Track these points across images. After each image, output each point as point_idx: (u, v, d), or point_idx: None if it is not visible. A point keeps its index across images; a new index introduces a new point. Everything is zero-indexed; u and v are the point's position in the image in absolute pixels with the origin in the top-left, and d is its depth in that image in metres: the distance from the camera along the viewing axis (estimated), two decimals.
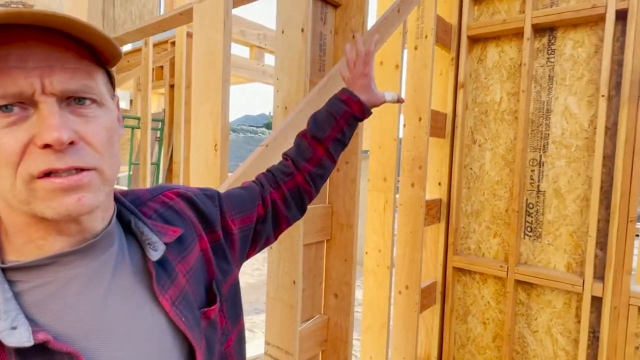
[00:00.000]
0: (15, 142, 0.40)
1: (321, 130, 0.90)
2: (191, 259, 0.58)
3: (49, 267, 0.45)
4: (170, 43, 4.56)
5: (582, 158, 2.26)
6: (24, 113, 0.41)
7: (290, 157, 0.90)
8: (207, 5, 1.25)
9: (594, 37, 2.22)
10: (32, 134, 0.41)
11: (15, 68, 0.40)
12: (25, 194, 0.41)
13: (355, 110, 0.93)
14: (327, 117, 0.92)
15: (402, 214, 2.41)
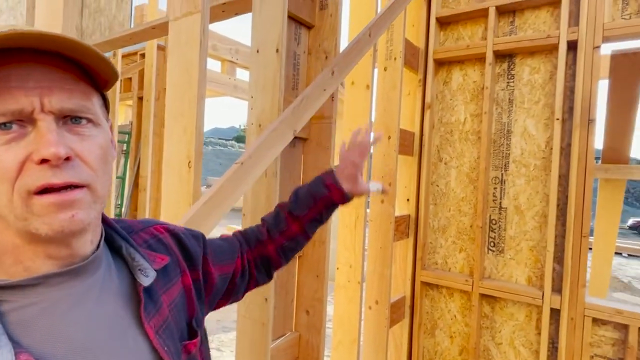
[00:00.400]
0: (13, 158, 0.41)
1: (300, 208, 0.90)
2: (174, 292, 0.59)
3: (36, 287, 0.45)
4: (139, 55, 4.49)
5: (540, 177, 2.39)
6: (22, 130, 0.42)
7: (266, 225, 0.91)
8: (184, 23, 1.26)
9: (549, 65, 2.38)
10: (30, 150, 0.42)
11: (16, 87, 0.41)
12: (22, 210, 0.42)
13: (336, 197, 0.92)
14: (307, 197, 0.91)
15: (373, 229, 2.46)
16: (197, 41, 1.20)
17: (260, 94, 1.58)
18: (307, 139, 1.89)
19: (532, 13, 2.43)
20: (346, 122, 2.23)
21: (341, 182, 0.93)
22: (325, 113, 1.83)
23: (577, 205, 2.20)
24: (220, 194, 1.09)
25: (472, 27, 2.63)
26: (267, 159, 1.26)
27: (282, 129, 1.33)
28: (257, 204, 1.58)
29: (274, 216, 0.92)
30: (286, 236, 0.88)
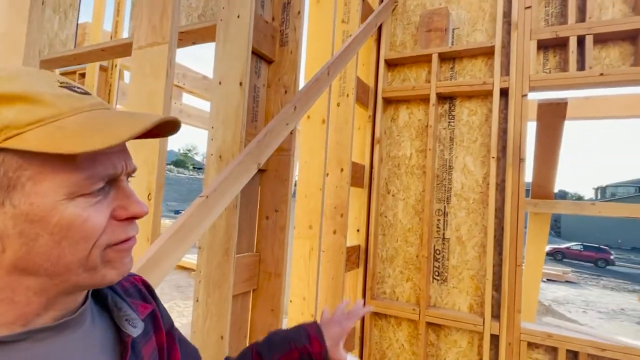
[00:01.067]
0: (102, 218, 0.43)
1: (271, 351, 0.82)
2: (151, 347, 0.57)
3: (22, 343, 0.42)
4: (78, 74, 4.25)
5: (478, 210, 2.59)
6: (105, 191, 0.44)
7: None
8: (149, 53, 1.24)
9: (485, 108, 2.63)
10: (113, 208, 0.45)
11: (109, 154, 0.44)
12: (96, 261, 0.44)
13: (315, 351, 0.83)
14: (283, 343, 0.83)
15: (325, 260, 2.48)
16: (164, 72, 1.18)
17: (222, 125, 1.57)
18: (265, 171, 1.89)
19: (469, 61, 2.70)
20: (302, 155, 2.27)
21: (325, 339, 0.84)
22: (284, 146, 1.85)
23: (511, 237, 2.40)
24: (184, 229, 1.06)
25: (417, 70, 2.85)
26: (232, 192, 1.25)
27: (247, 162, 1.33)
28: (215, 237, 1.54)
29: (240, 356, 0.84)
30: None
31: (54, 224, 0.40)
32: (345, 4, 2.61)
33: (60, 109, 0.40)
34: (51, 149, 0.37)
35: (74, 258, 0.42)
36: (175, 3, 1.22)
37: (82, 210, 0.41)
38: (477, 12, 2.72)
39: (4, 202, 0.39)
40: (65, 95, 0.42)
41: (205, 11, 2.07)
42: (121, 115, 0.44)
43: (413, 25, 2.91)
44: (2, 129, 0.37)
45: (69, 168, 0.40)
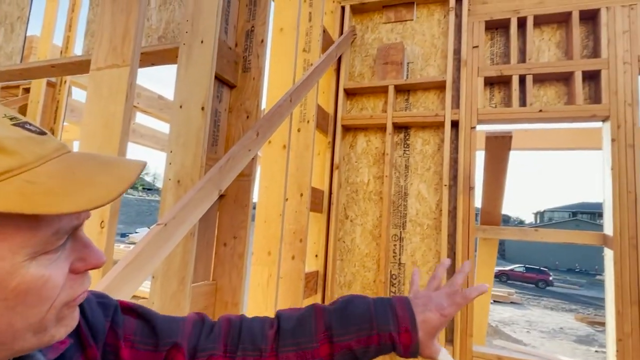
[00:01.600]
0: (61, 275, 0.39)
1: (344, 324, 0.62)
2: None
3: None
4: (22, 89, 4.00)
5: (432, 235, 2.68)
6: (63, 245, 0.40)
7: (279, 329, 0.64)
8: (107, 75, 1.20)
9: (437, 138, 2.77)
10: (70, 261, 0.40)
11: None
12: (48, 323, 0.39)
13: (403, 342, 0.62)
14: (363, 318, 0.63)
15: (283, 287, 2.44)
16: (124, 95, 1.15)
17: (181, 149, 1.54)
18: (224, 196, 1.86)
19: (423, 94, 2.85)
20: (262, 180, 2.26)
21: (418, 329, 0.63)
22: (245, 171, 1.84)
23: (463, 261, 2.50)
24: (141, 258, 1.01)
25: (375, 100, 2.96)
26: (192, 219, 1.22)
27: (208, 188, 1.30)
28: (170, 265, 1.48)
29: (296, 322, 0.63)
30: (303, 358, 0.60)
31: (11, 289, 0.35)
32: (307, 34, 2.68)
33: (25, 158, 0.35)
34: (26, 209, 0.32)
35: (25, 324, 0.37)
36: (139, 24, 1.20)
37: (42, 270, 0.37)
38: (430, 49, 2.90)
39: None
40: (25, 138, 0.36)
41: (166, 33, 2.05)
42: (93, 163, 0.40)
43: (371, 57, 3.04)
44: None
45: (33, 225, 0.35)
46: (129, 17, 1.21)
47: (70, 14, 3.40)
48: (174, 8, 2.06)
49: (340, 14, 3.09)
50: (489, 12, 2.71)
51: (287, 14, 2.32)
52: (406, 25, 2.99)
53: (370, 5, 3.05)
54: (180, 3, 2.04)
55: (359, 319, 0.62)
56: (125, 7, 1.22)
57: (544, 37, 2.64)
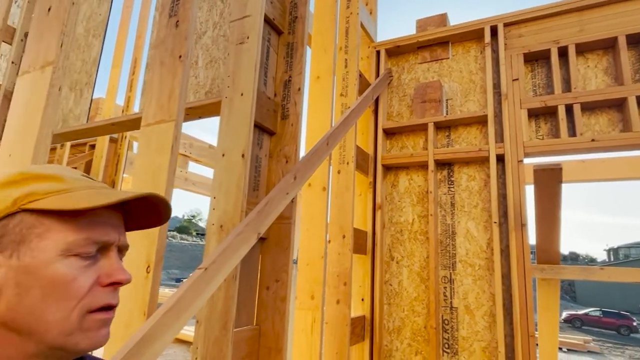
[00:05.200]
0: (87, 280, 0.48)
1: None
2: None
3: None
4: (89, 145, 4.42)
5: (485, 276, 2.53)
6: (95, 258, 0.50)
7: None
8: (155, 130, 1.31)
9: (483, 174, 2.68)
10: (99, 275, 0.49)
11: (108, 225, 0.51)
12: (74, 326, 0.47)
13: None
14: None
15: (328, 333, 2.37)
16: (169, 148, 1.24)
17: (224, 195, 1.61)
18: (266, 239, 1.89)
19: (464, 129, 2.80)
20: (303, 222, 2.28)
21: None
22: (285, 214, 1.87)
23: (520, 304, 2.31)
24: (182, 303, 1.04)
25: (414, 139, 2.95)
26: (231, 263, 1.25)
27: (247, 233, 1.34)
28: (213, 310, 1.50)
29: None
30: None
31: (46, 277, 0.45)
32: (344, 79, 2.78)
33: (74, 185, 0.50)
34: (58, 206, 0.46)
35: (53, 318, 0.45)
36: (183, 86, 1.31)
37: (72, 270, 0.47)
38: (469, 84, 2.88)
39: (12, 254, 0.46)
40: (82, 179, 0.52)
41: (212, 88, 2.21)
42: (119, 191, 0.53)
43: (408, 97, 3.07)
44: (27, 195, 0.47)
45: (70, 228, 0.47)
46: (174, 78, 1.33)
47: (131, 76, 3.79)
48: (218, 66, 2.23)
49: (376, 58, 3.18)
50: (527, 44, 2.67)
51: (323, 63, 2.43)
52: (442, 63, 3.01)
53: (405, 48, 3.12)
54: (224, 61, 2.22)
55: None
56: (171, 70, 1.34)
57: (589, 64, 2.54)
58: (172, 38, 1.41)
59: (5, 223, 0.46)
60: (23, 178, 0.49)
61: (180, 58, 1.37)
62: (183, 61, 1.35)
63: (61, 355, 0.48)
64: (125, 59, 4.22)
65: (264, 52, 2.00)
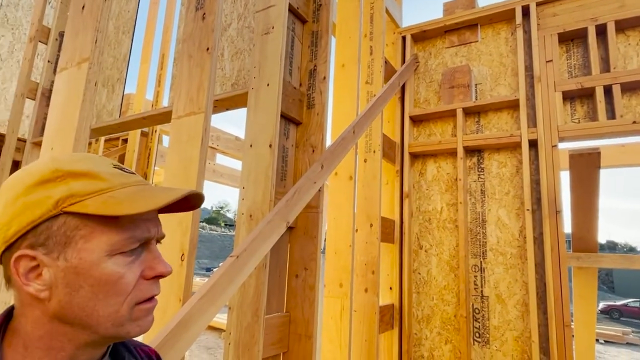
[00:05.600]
0: (133, 276, 0.50)
1: None
2: None
3: None
4: (121, 140, 4.58)
5: (517, 265, 2.47)
6: (138, 253, 0.51)
7: None
8: (185, 122, 1.34)
9: (514, 160, 2.60)
10: (142, 268, 0.51)
11: (147, 220, 0.52)
12: (124, 318, 0.49)
13: None
14: None
15: (357, 321, 2.39)
16: (199, 139, 1.27)
17: (252, 185, 1.63)
18: (294, 228, 1.91)
19: (495, 114, 2.72)
20: (330, 211, 2.29)
21: None
22: (313, 203, 1.88)
23: (555, 294, 2.25)
24: (215, 289, 1.07)
25: (442, 125, 2.89)
26: (262, 251, 1.27)
27: (276, 221, 1.36)
28: (245, 297, 1.54)
29: None
30: None
31: (95, 277, 0.47)
32: (369, 66, 2.75)
33: (112, 183, 0.50)
34: (103, 212, 0.47)
35: (105, 312, 0.48)
36: (211, 78, 1.33)
37: (119, 267, 0.48)
38: (499, 68, 2.78)
39: (59, 256, 0.47)
40: (117, 173, 0.52)
41: (238, 80, 2.24)
42: (158, 188, 0.53)
43: (435, 82, 3.00)
44: (68, 197, 0.47)
45: (114, 229, 0.48)
46: (202, 71, 1.35)
47: (159, 71, 3.87)
48: (244, 57, 2.25)
49: (402, 44, 3.12)
50: (561, 23, 2.54)
51: (348, 50, 2.40)
52: (471, 47, 2.92)
53: (432, 32, 3.05)
54: (249, 52, 2.23)
55: None
56: (199, 62, 1.36)
57: (630, 42, 2.40)
58: (199, 31, 1.42)
59: (48, 225, 0.46)
60: (58, 176, 0.48)
61: (207, 50, 1.39)
62: (210, 53, 1.37)
63: (111, 341, 0.52)
64: (153, 54, 4.32)
65: (289, 42, 2.00)
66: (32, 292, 0.46)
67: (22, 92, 3.12)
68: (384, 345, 2.66)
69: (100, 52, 1.15)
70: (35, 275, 0.46)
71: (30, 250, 0.46)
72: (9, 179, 0.50)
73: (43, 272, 0.46)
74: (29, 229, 0.46)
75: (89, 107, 1.18)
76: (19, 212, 0.47)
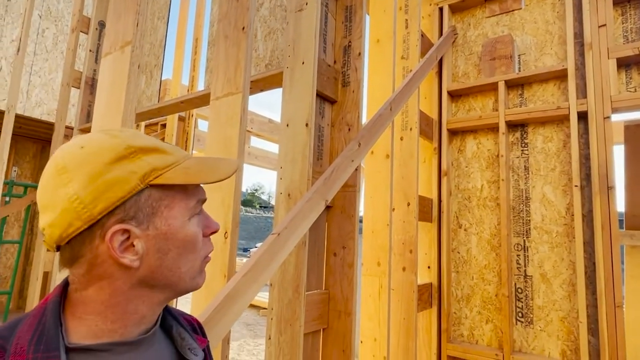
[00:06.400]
0: (201, 234, 0.57)
1: None
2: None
3: (103, 354, 0.49)
4: (160, 125, 4.72)
5: (563, 243, 2.36)
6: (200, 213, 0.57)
7: None
8: (224, 103, 1.35)
9: (561, 134, 2.46)
10: (201, 227, 0.57)
11: (199, 185, 0.57)
12: (197, 271, 0.56)
13: None
14: None
15: (395, 299, 2.39)
16: (238, 119, 1.28)
17: (290, 165, 1.64)
18: (331, 207, 1.91)
19: (540, 86, 2.57)
20: (367, 190, 2.27)
21: None
22: (350, 182, 1.87)
23: (606, 273, 2.14)
24: (258, 266, 1.10)
25: (483, 100, 2.77)
26: (302, 229, 1.28)
27: (315, 199, 1.36)
28: (285, 274, 1.57)
29: None
30: None
31: (181, 239, 0.53)
32: (404, 40, 2.66)
33: (177, 157, 0.55)
34: (189, 181, 0.52)
35: (186, 268, 0.54)
36: (247, 57, 1.33)
37: (196, 228, 0.55)
38: (545, 36, 2.62)
39: (148, 226, 0.51)
40: (175, 148, 0.57)
41: (272, 60, 2.23)
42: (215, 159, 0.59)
43: (475, 55, 2.86)
44: (152, 171, 0.51)
45: (186, 196, 0.54)
46: (239, 50, 1.35)
47: (193, 56, 3.93)
48: (277, 37, 2.23)
49: (439, 16, 2.99)
50: None
51: (383, 25, 2.33)
52: (513, 15, 2.75)
53: (471, 1, 2.89)
54: (282, 31, 2.21)
55: None
56: (235, 42, 1.36)
57: None
58: (234, 10, 1.42)
59: (136, 199, 0.50)
60: (131, 152, 0.50)
61: (243, 30, 1.38)
62: (246, 32, 1.36)
63: (180, 295, 0.58)
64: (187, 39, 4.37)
65: (322, 18, 1.96)
66: (127, 263, 0.49)
67: (68, 82, 3.27)
68: (422, 323, 2.66)
69: (142, 35, 1.18)
70: (127, 247, 0.49)
71: (123, 224, 0.49)
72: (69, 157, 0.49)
73: (135, 243, 0.50)
74: (118, 205, 0.48)
75: (133, 90, 1.21)
76: (104, 189, 0.48)
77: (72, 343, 0.48)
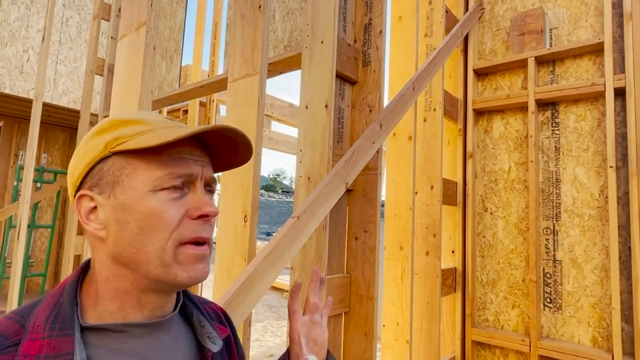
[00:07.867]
0: (177, 212, 0.50)
1: None
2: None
3: (119, 334, 0.49)
4: (182, 111, 4.76)
5: (596, 227, 2.26)
6: (183, 192, 0.52)
7: None
8: (242, 85, 1.32)
9: (596, 112, 2.33)
10: (187, 208, 0.52)
11: (189, 159, 0.52)
12: (169, 257, 0.50)
13: None
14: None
15: (418, 283, 2.35)
16: (255, 101, 1.25)
17: (310, 147, 1.61)
18: (352, 191, 1.88)
19: (572, 62, 2.43)
20: (389, 173, 2.22)
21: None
22: (371, 164, 1.83)
23: None
24: (278, 249, 1.08)
25: (511, 78, 2.64)
26: (322, 212, 1.26)
27: (335, 182, 1.33)
28: (306, 258, 1.55)
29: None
30: None
31: (140, 211, 0.49)
32: (428, 17, 2.55)
33: (155, 126, 0.52)
34: (141, 145, 0.49)
35: (152, 248, 0.49)
36: (264, 37, 1.30)
37: (162, 203, 0.50)
38: (579, 8, 2.46)
39: (110, 195, 0.50)
40: (165, 120, 0.55)
41: (290, 42, 2.18)
42: (196, 126, 0.55)
43: (503, 30, 2.73)
44: (115, 139, 0.51)
45: (155, 166, 0.50)
46: (255, 30, 1.31)
47: (213, 41, 3.91)
48: (295, 17, 2.18)
49: None
50: None
51: (405, 1, 2.24)
52: None
53: None
54: (301, 11, 2.15)
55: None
56: (252, 22, 1.33)
57: None
58: None
59: (100, 167, 0.51)
60: (113, 125, 0.52)
61: (259, 8, 1.34)
62: (263, 11, 1.32)
63: (169, 289, 0.53)
64: (206, 24, 4.35)
65: None
66: (92, 231, 0.50)
67: (91, 69, 3.31)
68: (446, 308, 2.62)
69: (157, 16, 1.16)
70: (94, 214, 0.51)
71: (88, 190, 0.51)
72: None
73: (99, 211, 0.50)
74: (87, 171, 0.51)
75: (149, 72, 1.20)
76: (81, 158, 0.52)
77: (87, 323, 0.49)
